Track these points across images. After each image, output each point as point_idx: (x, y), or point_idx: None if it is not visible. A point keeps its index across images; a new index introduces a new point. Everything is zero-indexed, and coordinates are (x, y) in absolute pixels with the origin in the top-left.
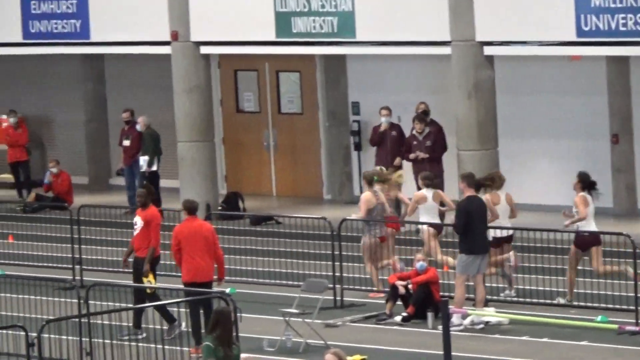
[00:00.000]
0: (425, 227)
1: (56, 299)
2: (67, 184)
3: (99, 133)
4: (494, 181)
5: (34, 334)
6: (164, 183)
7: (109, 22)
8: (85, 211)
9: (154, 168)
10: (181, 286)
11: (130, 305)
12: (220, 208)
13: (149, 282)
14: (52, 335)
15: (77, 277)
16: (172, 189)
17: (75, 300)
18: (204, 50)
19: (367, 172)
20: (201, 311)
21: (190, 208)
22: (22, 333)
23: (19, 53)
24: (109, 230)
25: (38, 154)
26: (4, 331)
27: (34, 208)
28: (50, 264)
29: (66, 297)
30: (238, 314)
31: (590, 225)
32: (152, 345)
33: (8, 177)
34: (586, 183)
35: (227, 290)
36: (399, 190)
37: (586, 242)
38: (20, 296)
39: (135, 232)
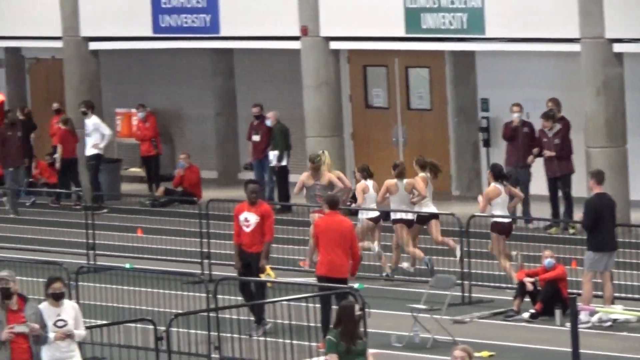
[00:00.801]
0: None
1: (185, 293)
2: (196, 178)
3: (228, 127)
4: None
5: (163, 328)
6: (293, 178)
7: (238, 17)
8: (214, 205)
9: (284, 163)
10: (309, 281)
11: (259, 300)
12: (348, 203)
13: (268, 276)
14: (180, 329)
15: (206, 272)
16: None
17: (204, 295)
18: (334, 45)
19: (311, 154)
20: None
21: (332, 202)
22: (151, 327)
23: (149, 47)
24: None
25: (168, 148)
26: (133, 325)
27: (163, 202)
28: (178, 258)
29: (195, 291)
30: (366, 310)
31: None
32: (280, 340)
33: (138, 170)
34: (496, 174)
35: (356, 286)
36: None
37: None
38: (149, 290)
39: (249, 229)
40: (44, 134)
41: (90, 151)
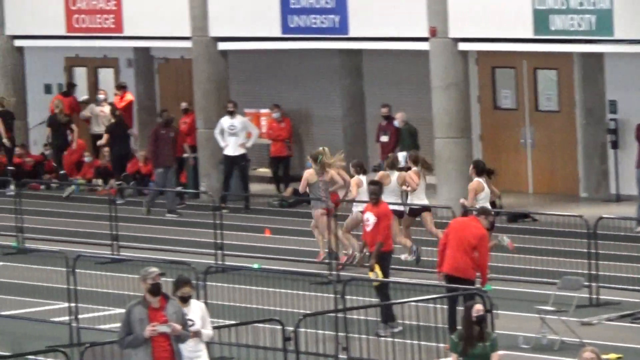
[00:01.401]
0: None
1: (313, 293)
2: None
3: (357, 128)
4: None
5: (291, 328)
6: None
7: (367, 18)
8: (343, 206)
9: None
10: (435, 282)
11: (385, 301)
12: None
13: (375, 274)
14: (308, 330)
15: (334, 272)
16: (429, 185)
17: (332, 295)
18: (462, 46)
19: (313, 152)
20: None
21: (483, 211)
22: (279, 327)
23: (278, 48)
24: None
25: (296, 149)
26: (262, 325)
27: (292, 202)
28: (306, 259)
29: (322, 291)
30: (494, 311)
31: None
32: (408, 341)
33: (266, 171)
34: (480, 169)
35: (484, 287)
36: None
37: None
38: (277, 290)
39: (369, 228)
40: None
41: (238, 150)
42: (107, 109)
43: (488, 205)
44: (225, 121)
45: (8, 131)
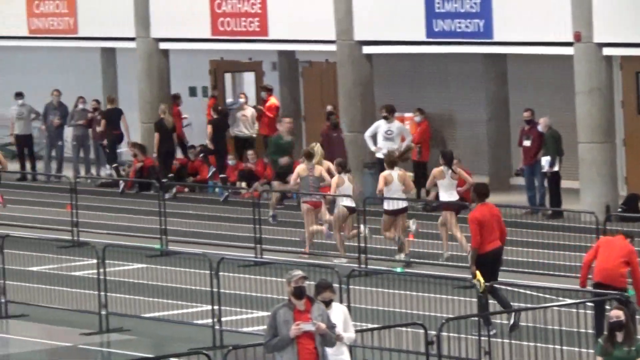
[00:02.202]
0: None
1: (455, 297)
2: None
3: (500, 133)
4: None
5: (433, 332)
6: (564, 184)
7: (511, 22)
8: None
9: (556, 169)
10: (576, 287)
11: (529, 305)
12: (619, 210)
13: (477, 281)
14: (451, 334)
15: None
16: (572, 190)
17: (475, 299)
18: (607, 51)
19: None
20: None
21: (627, 233)
22: (422, 331)
23: (422, 52)
24: (511, 230)
25: (439, 153)
26: (404, 329)
27: (435, 206)
28: (449, 263)
29: (465, 295)
30: (638, 316)
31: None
32: (550, 346)
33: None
34: (447, 160)
35: (627, 292)
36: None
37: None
38: (420, 294)
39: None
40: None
41: None
42: (248, 112)
43: (449, 192)
44: (382, 126)
45: (115, 129)
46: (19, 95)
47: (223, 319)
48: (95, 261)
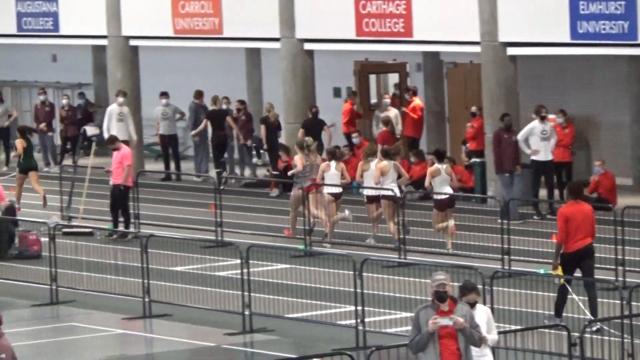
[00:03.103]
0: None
1: (599, 299)
2: (611, 184)
3: None
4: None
5: (577, 334)
6: None
7: None
8: (630, 212)
9: None
10: None
11: (564, 300)
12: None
13: (557, 276)
14: (594, 336)
15: (620, 278)
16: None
17: (618, 301)
18: None
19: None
20: None
21: None
22: (565, 333)
23: (566, 53)
24: None
25: (583, 155)
26: (547, 330)
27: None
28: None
29: (609, 297)
30: None
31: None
32: None
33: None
34: (439, 157)
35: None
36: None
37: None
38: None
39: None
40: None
41: (549, 156)
42: (392, 113)
43: (449, 189)
44: (537, 126)
45: (221, 130)
46: (164, 95)
47: (366, 319)
48: (239, 261)
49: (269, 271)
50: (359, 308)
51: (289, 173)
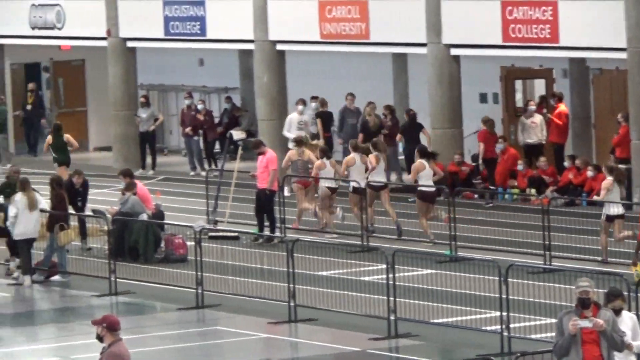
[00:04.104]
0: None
1: None
2: None
3: None
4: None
5: None
6: None
7: None
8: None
9: None
10: None
11: None
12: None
13: (636, 271)
14: None
15: None
16: None
17: None
18: None
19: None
20: None
21: None
22: None
23: None
24: None
25: None
26: None
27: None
28: None
29: None
30: None
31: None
32: None
33: None
34: (422, 153)
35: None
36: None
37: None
38: None
39: None
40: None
41: None
42: (537, 118)
43: (429, 182)
44: None
45: (326, 132)
46: (314, 99)
47: (511, 325)
48: (384, 266)
49: (415, 276)
50: (504, 314)
51: (367, 174)
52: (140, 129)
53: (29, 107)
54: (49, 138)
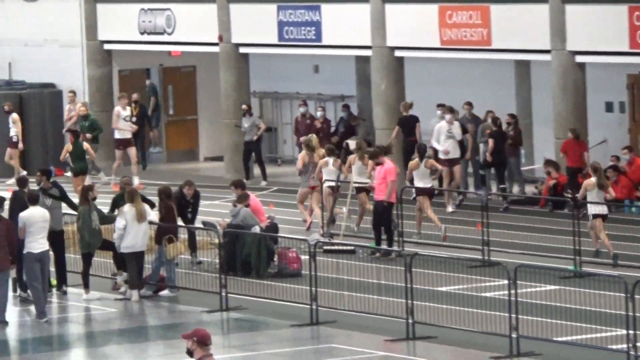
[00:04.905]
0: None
1: None
2: None
3: None
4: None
5: None
6: None
7: None
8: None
9: None
10: None
11: None
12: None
13: None
14: None
15: None
16: None
17: None
18: None
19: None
20: None
21: None
22: None
23: None
24: None
25: None
26: None
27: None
28: None
29: None
30: None
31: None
32: None
33: None
34: (420, 152)
35: None
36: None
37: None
38: None
39: None
40: None
41: None
42: None
43: (423, 180)
44: None
45: (409, 136)
46: (440, 106)
47: (638, 344)
48: (506, 282)
49: (538, 292)
50: (631, 332)
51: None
52: (245, 138)
53: (134, 119)
54: (68, 145)
